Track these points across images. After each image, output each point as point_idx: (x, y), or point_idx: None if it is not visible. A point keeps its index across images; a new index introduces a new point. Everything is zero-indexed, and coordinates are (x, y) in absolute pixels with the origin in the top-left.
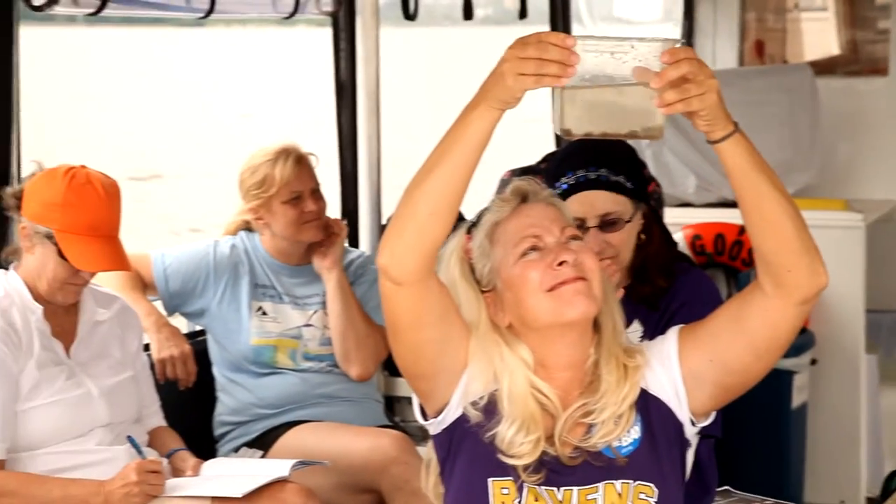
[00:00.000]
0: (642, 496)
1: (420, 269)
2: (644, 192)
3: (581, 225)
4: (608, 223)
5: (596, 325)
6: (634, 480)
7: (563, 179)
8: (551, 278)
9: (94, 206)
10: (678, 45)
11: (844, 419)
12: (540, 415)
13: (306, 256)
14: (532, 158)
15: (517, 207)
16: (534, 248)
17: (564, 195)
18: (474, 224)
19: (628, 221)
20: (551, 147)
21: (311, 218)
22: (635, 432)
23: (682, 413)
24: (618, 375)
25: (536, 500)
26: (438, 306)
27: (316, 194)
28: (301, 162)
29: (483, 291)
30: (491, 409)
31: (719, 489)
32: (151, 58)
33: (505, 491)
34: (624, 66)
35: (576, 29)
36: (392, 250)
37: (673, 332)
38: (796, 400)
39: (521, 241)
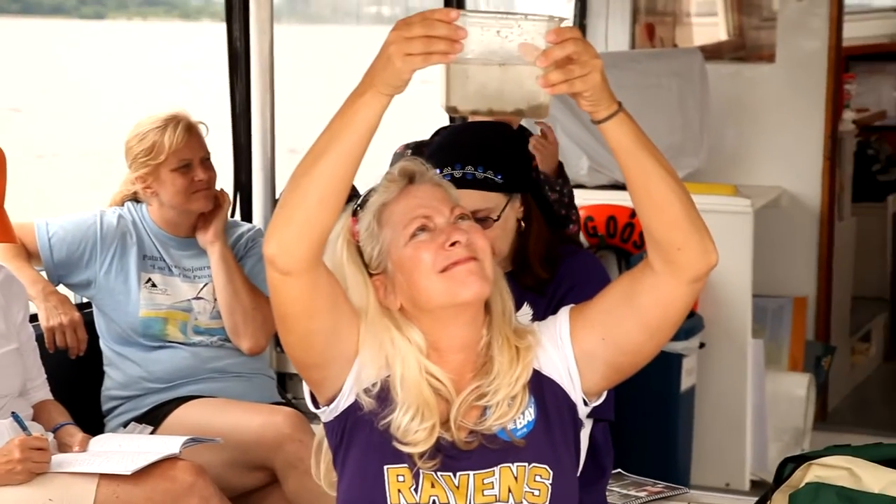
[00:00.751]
0: (538, 478)
1: (308, 259)
2: (519, 180)
3: None
4: (477, 220)
5: (486, 306)
6: (530, 463)
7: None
8: (443, 259)
9: None
10: (564, 24)
11: (731, 403)
12: (434, 400)
13: (195, 228)
14: (427, 127)
15: (404, 188)
16: (423, 229)
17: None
18: (360, 206)
19: (497, 219)
20: (445, 116)
21: (201, 187)
22: (529, 414)
23: (576, 393)
24: (510, 356)
25: (433, 486)
26: (327, 295)
27: (206, 163)
28: (191, 130)
29: (371, 274)
30: (384, 395)
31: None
32: (47, 48)
33: (401, 478)
34: (510, 44)
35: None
36: (279, 240)
37: (564, 312)
38: (685, 383)
39: (411, 222)
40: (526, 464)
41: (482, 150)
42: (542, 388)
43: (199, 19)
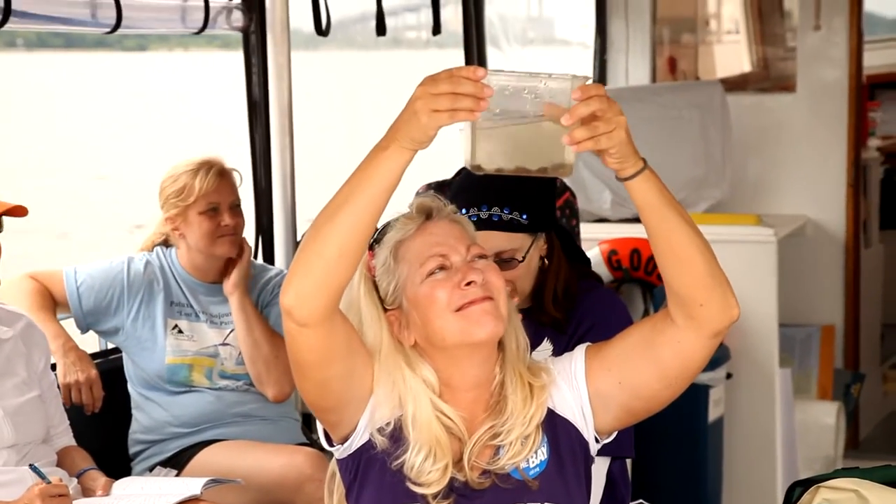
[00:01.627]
0: None
1: (326, 310)
2: (545, 220)
3: None
4: (502, 261)
5: (499, 344)
6: (543, 502)
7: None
8: (459, 298)
9: None
10: (588, 82)
11: (760, 432)
12: (447, 439)
13: (223, 274)
14: (449, 167)
15: (422, 225)
16: (441, 268)
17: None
18: (377, 241)
19: (522, 260)
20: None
21: (227, 232)
22: (542, 453)
23: (588, 432)
24: (523, 395)
25: None
26: (343, 342)
27: (234, 209)
28: (222, 175)
29: (386, 310)
30: (397, 434)
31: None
32: (59, 81)
33: None
34: (535, 102)
35: (491, 52)
36: (297, 292)
37: (580, 351)
38: (712, 414)
39: (428, 261)
40: (539, 503)
41: (508, 191)
42: (556, 426)
43: (238, 48)
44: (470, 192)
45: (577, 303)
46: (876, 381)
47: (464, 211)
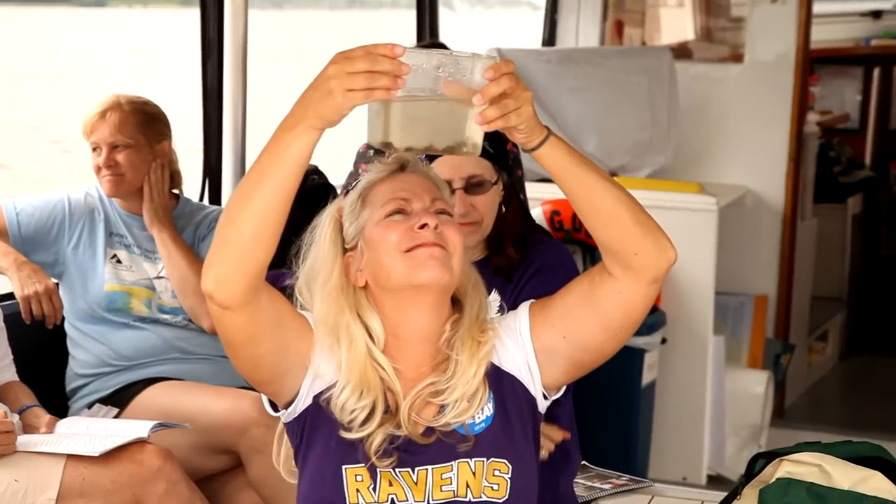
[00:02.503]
0: (497, 473)
1: (247, 292)
2: (504, 160)
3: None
4: (474, 185)
5: (459, 304)
6: (488, 458)
7: None
8: (409, 240)
9: None
10: (499, 61)
11: (690, 398)
12: (377, 382)
13: None
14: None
15: (393, 173)
16: (400, 211)
17: (430, 159)
18: (353, 187)
19: (494, 184)
20: None
21: (104, 173)
22: (488, 409)
23: (535, 388)
24: (469, 353)
25: (391, 484)
26: (271, 320)
27: (115, 149)
28: (104, 115)
29: (346, 251)
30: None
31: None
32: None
33: (359, 478)
34: (448, 81)
35: (443, 12)
36: (216, 276)
37: (524, 309)
38: (646, 377)
39: (389, 203)
40: (484, 459)
41: None
42: (502, 382)
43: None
44: None
45: (528, 253)
46: (802, 352)
47: None
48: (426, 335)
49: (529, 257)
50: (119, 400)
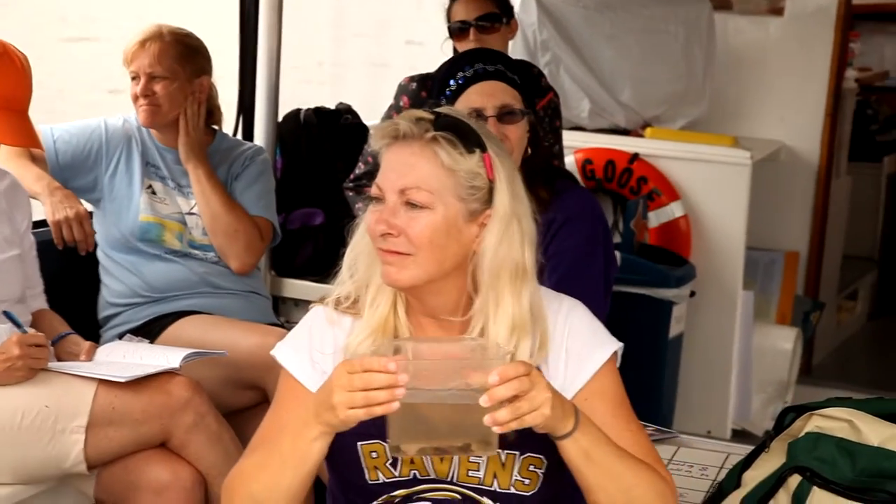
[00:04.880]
0: (531, 468)
1: None
2: (531, 99)
3: (480, 115)
4: (507, 113)
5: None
6: (522, 452)
7: (460, 74)
8: (375, 237)
9: (12, 78)
10: (509, 359)
11: (717, 352)
12: (391, 334)
13: None
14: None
15: (389, 144)
16: (377, 199)
17: (461, 88)
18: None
19: (525, 114)
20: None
21: (141, 102)
22: None
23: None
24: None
25: (412, 460)
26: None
27: (154, 79)
28: (144, 44)
29: None
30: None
31: None
32: None
33: (374, 454)
34: (456, 378)
35: None
36: None
37: (578, 384)
38: (674, 330)
39: (374, 186)
40: (517, 452)
41: (510, 60)
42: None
43: None
44: (476, 51)
45: (555, 198)
46: (832, 310)
47: (468, 67)
48: (438, 314)
49: (557, 204)
50: (149, 332)
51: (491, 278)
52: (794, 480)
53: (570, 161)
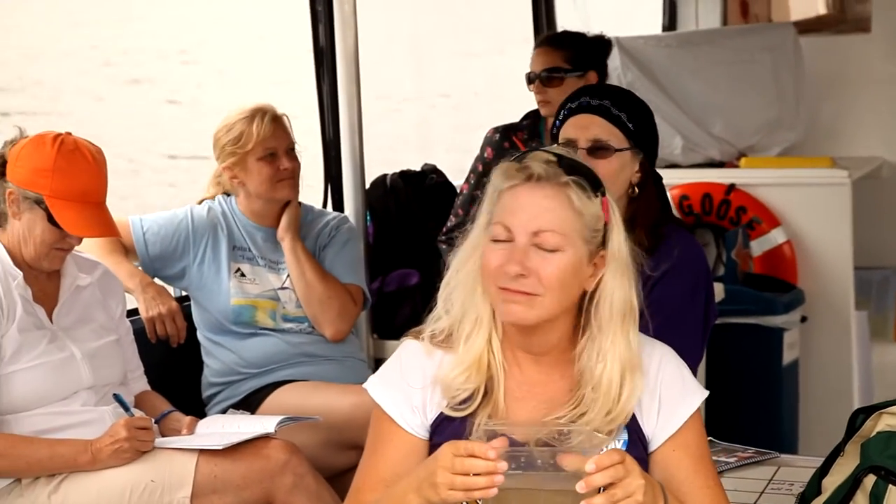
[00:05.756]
0: None
1: None
2: (645, 141)
3: (572, 145)
4: (598, 148)
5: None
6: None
7: (568, 104)
8: (499, 277)
9: (85, 172)
10: (604, 447)
11: (836, 375)
12: (485, 369)
13: (280, 219)
14: (515, 115)
15: (521, 183)
16: (505, 240)
17: (565, 119)
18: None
19: (617, 150)
20: (532, 105)
21: (286, 176)
22: (616, 444)
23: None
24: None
25: None
26: None
27: (291, 153)
28: (276, 121)
29: None
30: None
31: None
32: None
33: None
34: (551, 465)
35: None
36: None
37: (661, 437)
38: (787, 357)
39: (497, 225)
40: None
41: (625, 98)
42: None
43: None
44: (592, 87)
45: (661, 243)
46: None
47: (576, 99)
48: (539, 356)
49: (661, 250)
50: (250, 404)
51: (607, 320)
52: (870, 481)
53: None
